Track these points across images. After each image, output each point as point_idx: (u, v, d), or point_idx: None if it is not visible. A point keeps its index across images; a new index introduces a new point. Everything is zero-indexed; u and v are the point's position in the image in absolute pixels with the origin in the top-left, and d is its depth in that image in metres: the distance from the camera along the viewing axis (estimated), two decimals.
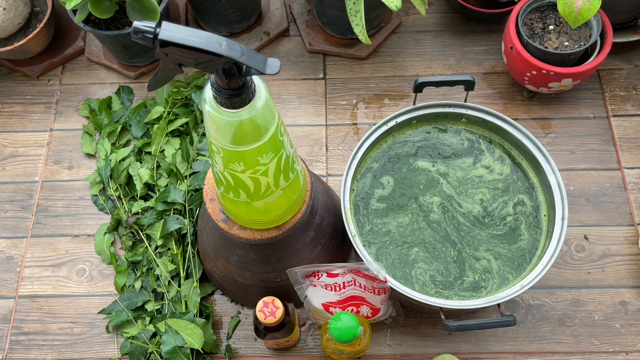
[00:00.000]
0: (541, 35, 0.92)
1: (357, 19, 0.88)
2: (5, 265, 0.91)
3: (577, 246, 0.89)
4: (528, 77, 0.93)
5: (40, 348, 0.85)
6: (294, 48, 1.07)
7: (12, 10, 0.96)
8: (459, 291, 0.73)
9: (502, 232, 0.76)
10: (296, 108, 1.01)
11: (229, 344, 0.84)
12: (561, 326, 0.84)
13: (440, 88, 1.01)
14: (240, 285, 0.80)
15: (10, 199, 0.96)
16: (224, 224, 0.68)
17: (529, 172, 0.79)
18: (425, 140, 0.82)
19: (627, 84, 1.01)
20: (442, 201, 0.78)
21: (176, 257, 0.85)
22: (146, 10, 0.87)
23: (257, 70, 0.43)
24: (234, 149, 0.52)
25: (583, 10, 0.80)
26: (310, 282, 0.74)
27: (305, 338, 0.84)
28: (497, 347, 0.83)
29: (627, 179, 0.93)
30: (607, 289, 0.86)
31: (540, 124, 0.98)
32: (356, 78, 1.03)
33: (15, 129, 1.02)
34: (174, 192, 0.88)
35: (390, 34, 1.07)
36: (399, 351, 0.83)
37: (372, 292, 0.73)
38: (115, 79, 1.05)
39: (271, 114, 0.51)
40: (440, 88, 1.01)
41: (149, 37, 0.40)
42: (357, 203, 0.78)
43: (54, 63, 1.05)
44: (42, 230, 0.93)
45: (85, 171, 0.97)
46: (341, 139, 0.98)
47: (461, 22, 1.08)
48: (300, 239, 0.73)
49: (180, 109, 0.97)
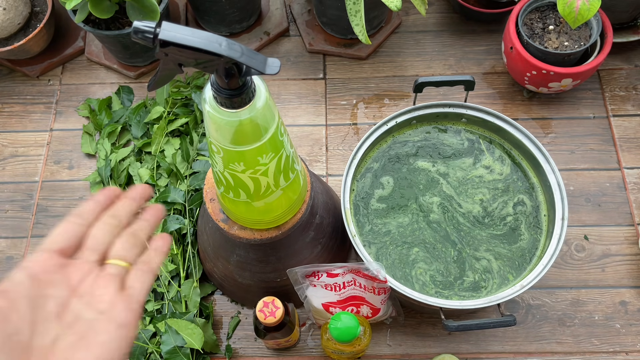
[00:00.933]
0: (541, 35, 0.92)
1: (357, 19, 0.88)
2: (5, 265, 0.91)
3: (577, 246, 0.89)
4: (528, 77, 0.93)
5: None
6: (294, 48, 1.07)
7: (12, 10, 0.96)
8: (459, 291, 0.73)
9: (502, 232, 0.76)
10: (296, 108, 1.01)
11: (229, 344, 0.84)
12: (561, 326, 0.84)
13: (440, 88, 1.01)
14: (240, 285, 0.80)
15: (10, 199, 0.96)
16: (224, 224, 0.68)
17: (529, 172, 0.79)
18: (425, 140, 0.82)
19: (627, 84, 1.01)
20: (442, 201, 0.78)
21: (176, 257, 0.85)
22: (146, 10, 0.87)
23: (257, 70, 0.42)
24: (234, 149, 0.52)
25: (583, 10, 0.80)
26: (310, 282, 0.74)
27: (305, 338, 0.84)
28: (497, 347, 0.83)
29: (627, 179, 0.93)
30: (607, 289, 0.86)
31: (540, 124, 0.98)
32: (356, 78, 1.03)
33: (15, 129, 1.02)
34: (174, 192, 0.88)
35: (390, 34, 1.07)
36: (399, 351, 0.83)
37: (372, 292, 0.73)
38: (115, 79, 1.05)
39: (271, 114, 0.51)
40: (440, 88, 1.01)
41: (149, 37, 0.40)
42: (357, 203, 0.78)
43: (54, 63, 1.05)
44: (42, 230, 0.93)
45: (85, 171, 0.97)
46: (341, 139, 0.98)
47: (461, 22, 1.08)
48: (300, 239, 0.73)
49: (180, 109, 0.97)
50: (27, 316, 0.34)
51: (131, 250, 0.40)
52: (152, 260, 0.40)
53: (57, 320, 0.35)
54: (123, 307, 0.37)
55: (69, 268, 0.38)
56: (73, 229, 0.40)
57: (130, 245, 0.40)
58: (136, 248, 0.40)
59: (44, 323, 0.35)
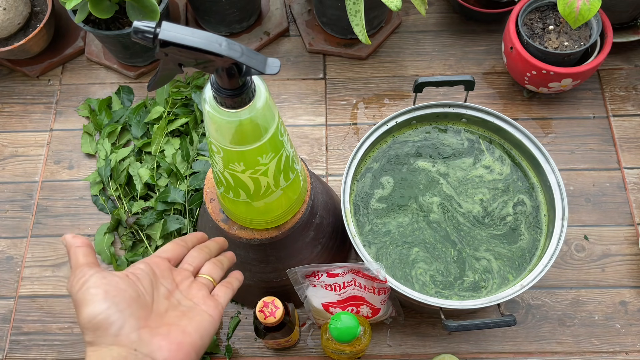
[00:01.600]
0: (541, 35, 0.92)
1: (357, 19, 0.88)
2: (5, 265, 0.91)
3: (577, 246, 0.89)
4: (528, 77, 0.93)
5: (40, 348, 0.85)
6: (294, 48, 1.07)
7: (12, 10, 0.96)
8: (459, 291, 0.73)
9: (502, 232, 0.76)
10: (296, 108, 1.01)
11: (229, 344, 0.84)
12: (561, 326, 0.84)
13: (440, 88, 1.01)
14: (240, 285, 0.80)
15: (10, 199, 0.96)
16: (224, 224, 0.68)
17: (529, 172, 0.79)
18: (425, 140, 0.82)
19: (627, 84, 1.01)
20: (442, 201, 0.78)
21: None
22: (146, 10, 0.87)
23: (257, 70, 0.42)
24: (234, 149, 0.52)
25: (583, 10, 0.80)
26: (310, 282, 0.74)
27: (305, 338, 0.84)
28: (497, 347, 0.83)
29: (627, 179, 0.93)
30: (607, 289, 0.86)
31: (540, 124, 0.98)
32: (356, 78, 1.03)
33: (15, 129, 1.02)
34: (174, 192, 0.88)
35: (390, 34, 1.07)
36: (399, 351, 0.83)
37: (372, 292, 0.73)
38: (115, 79, 1.05)
39: (271, 114, 0.51)
40: (440, 88, 1.01)
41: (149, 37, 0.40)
42: (357, 203, 0.78)
43: (54, 63, 1.05)
44: (42, 230, 0.93)
45: (85, 171, 0.97)
46: (341, 139, 0.98)
47: (461, 22, 1.08)
48: (300, 239, 0.73)
49: (180, 109, 0.97)
50: (149, 289, 0.48)
51: (216, 271, 0.56)
52: (232, 282, 0.57)
53: (167, 300, 0.49)
54: (212, 303, 0.51)
55: (174, 271, 0.53)
56: (179, 247, 0.56)
57: (216, 268, 0.56)
58: (220, 270, 0.57)
59: (158, 299, 0.49)
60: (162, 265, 0.52)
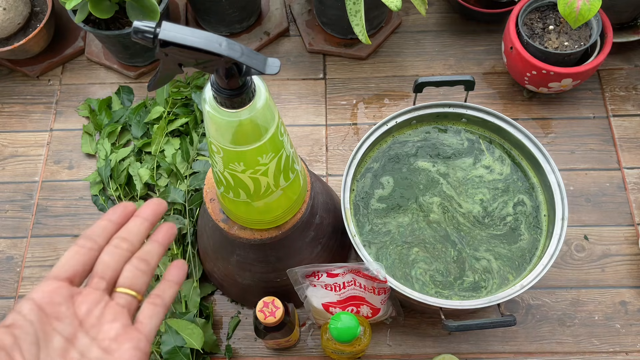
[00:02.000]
0: (541, 35, 0.92)
1: (357, 19, 0.88)
2: (5, 265, 0.91)
3: (577, 246, 0.89)
4: (528, 77, 0.93)
5: None
6: (294, 48, 1.07)
7: (12, 10, 0.96)
8: (459, 291, 0.73)
9: (502, 232, 0.76)
10: (296, 108, 1.01)
11: (229, 344, 0.84)
12: (561, 326, 0.84)
13: (440, 88, 1.01)
14: (240, 285, 0.80)
15: (10, 199, 0.96)
16: (224, 224, 0.68)
17: (529, 172, 0.79)
18: (425, 141, 0.82)
19: (627, 84, 1.01)
20: (442, 201, 0.78)
21: (176, 257, 0.85)
22: (146, 10, 0.87)
23: (257, 70, 0.42)
24: (234, 149, 0.52)
25: (583, 10, 0.80)
26: (310, 282, 0.74)
27: (305, 338, 0.84)
28: (497, 347, 0.83)
29: (627, 179, 0.93)
30: (607, 289, 0.86)
31: (540, 124, 0.98)
32: (356, 78, 1.03)
33: (15, 129, 1.02)
34: (174, 192, 0.88)
35: (390, 34, 1.07)
36: (399, 351, 0.83)
37: (372, 292, 0.73)
38: (115, 79, 1.05)
39: (271, 114, 0.51)
40: (440, 88, 1.01)
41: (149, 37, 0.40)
42: (357, 203, 0.78)
43: (54, 63, 1.05)
44: (42, 230, 0.93)
45: (85, 171, 0.97)
46: (341, 139, 0.98)
47: (461, 22, 1.08)
48: (300, 239, 0.73)
49: (180, 109, 0.97)
50: (31, 355, 0.33)
51: (141, 278, 0.39)
52: (165, 292, 0.39)
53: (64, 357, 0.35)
54: (130, 346, 0.36)
55: (77, 297, 0.37)
56: (82, 254, 0.38)
57: (140, 273, 0.39)
58: (146, 276, 0.39)
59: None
60: (58, 297, 0.36)
